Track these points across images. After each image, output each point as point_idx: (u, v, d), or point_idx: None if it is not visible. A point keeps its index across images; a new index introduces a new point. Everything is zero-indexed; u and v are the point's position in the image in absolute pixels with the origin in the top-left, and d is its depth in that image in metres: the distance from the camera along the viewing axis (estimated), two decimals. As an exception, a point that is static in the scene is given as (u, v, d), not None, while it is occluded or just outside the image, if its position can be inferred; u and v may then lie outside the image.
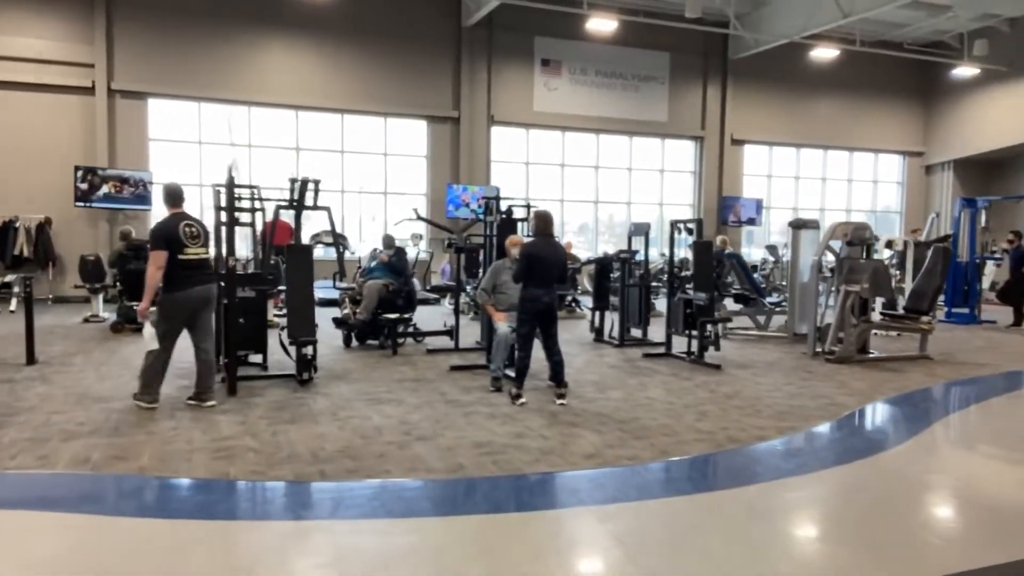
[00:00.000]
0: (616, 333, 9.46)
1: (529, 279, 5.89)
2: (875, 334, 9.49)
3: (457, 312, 8.70)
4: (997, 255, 15.04)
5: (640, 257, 9.91)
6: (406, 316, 8.64)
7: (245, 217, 7.60)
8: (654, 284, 10.91)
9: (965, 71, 18.96)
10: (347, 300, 8.56)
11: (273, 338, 7.27)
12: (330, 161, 16.24)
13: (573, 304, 12.45)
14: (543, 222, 5.99)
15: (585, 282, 14.44)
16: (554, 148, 18.07)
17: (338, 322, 8.70)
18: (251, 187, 7.66)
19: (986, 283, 14.68)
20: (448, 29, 16.58)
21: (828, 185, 21.09)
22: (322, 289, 11.63)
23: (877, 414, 5.94)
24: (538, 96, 17.45)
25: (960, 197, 13.29)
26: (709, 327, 7.99)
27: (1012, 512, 3.76)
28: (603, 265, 9.76)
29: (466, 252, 8.32)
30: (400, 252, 9.15)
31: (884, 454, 4.77)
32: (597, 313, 9.77)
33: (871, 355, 8.65)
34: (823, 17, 16.07)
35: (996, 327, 12.19)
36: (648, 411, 5.81)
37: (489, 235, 7.78)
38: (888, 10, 16.74)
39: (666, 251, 10.86)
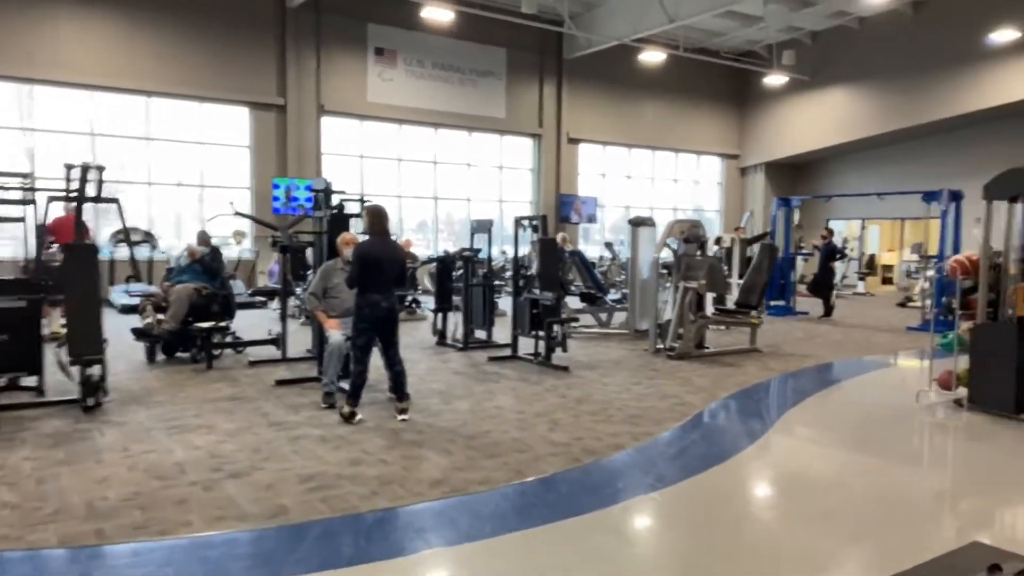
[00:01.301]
0: (460, 335, 8.98)
1: (365, 283, 5.22)
2: (708, 328, 9.73)
3: (284, 317, 7.80)
4: (806, 251, 16.30)
5: (483, 255, 9.49)
6: (222, 324, 7.62)
7: (14, 211, 6.28)
8: (497, 283, 10.56)
9: (774, 79, 20.45)
10: (149, 307, 7.38)
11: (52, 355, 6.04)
12: (134, 149, 14.43)
13: (414, 305, 11.83)
14: (377, 218, 5.33)
15: (426, 281, 13.85)
16: (390, 141, 17.29)
17: (139, 333, 7.49)
18: (21, 175, 6.34)
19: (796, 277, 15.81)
20: (270, 8, 15.28)
21: (657, 184, 21.99)
22: (123, 295, 10.17)
23: (725, 412, 5.89)
24: (372, 86, 16.59)
25: (776, 197, 14.17)
26: (556, 327, 7.71)
27: (877, 511, 3.69)
28: (445, 264, 9.23)
29: (292, 251, 7.46)
30: (215, 251, 8.08)
31: (740, 456, 4.63)
32: (439, 315, 9.23)
33: (708, 350, 8.81)
34: (651, 21, 16.59)
35: (809, 318, 13.08)
36: (498, 423, 5.36)
37: (319, 232, 6.98)
38: (707, 18, 17.63)
39: (508, 248, 10.54)
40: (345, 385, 5.56)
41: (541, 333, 7.81)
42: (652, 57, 18.80)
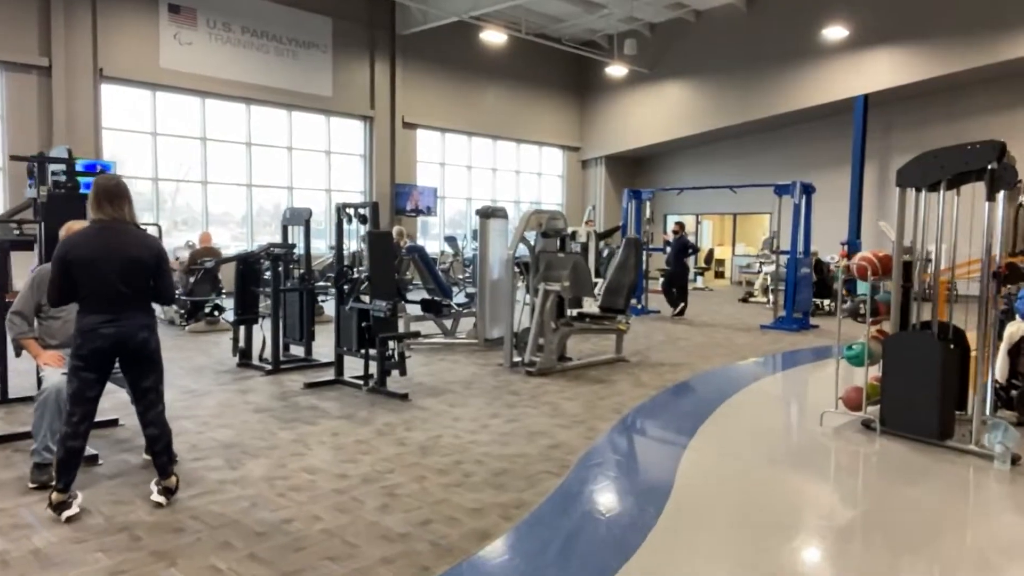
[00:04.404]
0: (269, 354, 7.10)
1: (79, 298, 3.34)
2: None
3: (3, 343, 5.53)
4: (653, 246, 15.76)
5: (301, 251, 7.64)
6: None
7: None
8: (323, 284, 8.71)
9: (615, 70, 19.97)
10: None
11: None
12: None
13: (215, 313, 9.66)
14: (103, 196, 3.38)
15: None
16: (192, 117, 14.67)
17: None
18: None
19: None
20: (27, -56, 12.27)
21: (499, 176, 20.85)
22: None
23: (611, 459, 4.59)
24: (166, 50, 13.92)
25: (627, 189, 13.39)
26: (392, 345, 6.09)
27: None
28: (247, 263, 7.28)
29: None
30: None
31: (650, 544, 3.30)
32: (241, 327, 7.28)
33: (571, 362, 7.59)
34: (492, -3, 15.34)
35: (663, 317, 12.39)
36: (307, 500, 3.67)
37: (34, 221, 4.86)
38: (550, 1, 16.71)
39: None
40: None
41: (373, 351, 6.17)
42: (492, 37, 17.59)
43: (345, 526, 3.36)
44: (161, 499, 3.56)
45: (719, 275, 21.99)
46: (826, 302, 13.20)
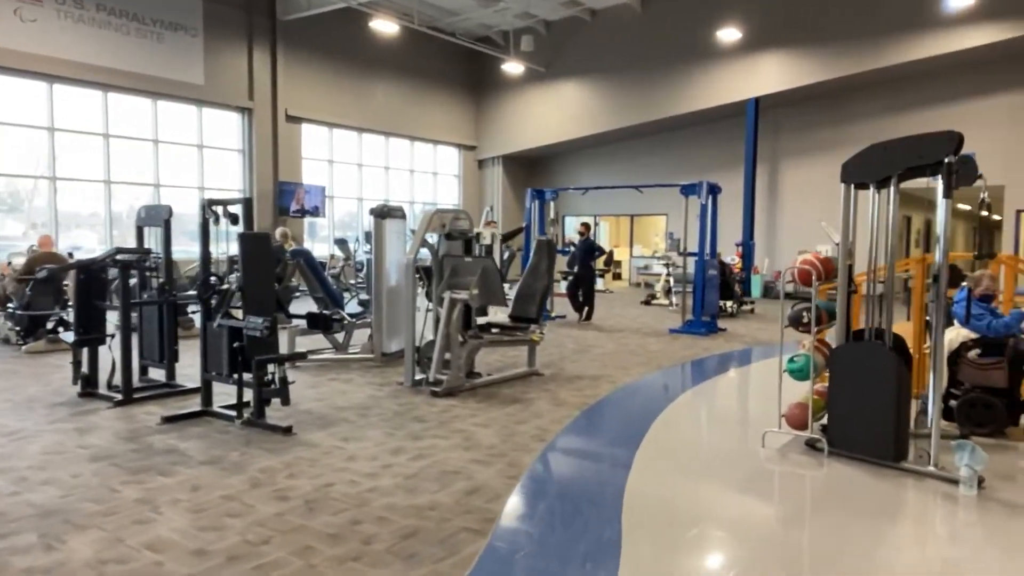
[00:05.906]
0: (120, 379, 5.91)
1: None
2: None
3: None
4: (560, 248, 15.26)
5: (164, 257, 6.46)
6: None
7: None
8: (188, 295, 7.48)
9: (512, 68, 19.40)
10: None
11: None
12: None
13: (59, 330, 8.22)
14: None
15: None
16: (38, 105, 12.83)
17: None
18: None
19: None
20: None
21: (392, 175, 19.80)
22: None
23: (542, 506, 3.86)
24: (7, 28, 12.06)
25: (530, 189, 12.78)
26: (271, 368, 5.11)
27: None
28: (89, 271, 6.04)
29: None
30: None
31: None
32: (84, 349, 6.04)
33: (480, 378, 6.82)
34: (383, -17, 14.35)
35: (568, 321, 11.88)
36: (146, 598, 2.72)
37: None
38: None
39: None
40: None
41: (249, 376, 5.16)
42: (383, 27, 16.57)
43: (199, 639, 2.44)
44: (-71, 611, 2.51)
45: (617, 277, 21.88)
46: (728, 304, 13.11)
